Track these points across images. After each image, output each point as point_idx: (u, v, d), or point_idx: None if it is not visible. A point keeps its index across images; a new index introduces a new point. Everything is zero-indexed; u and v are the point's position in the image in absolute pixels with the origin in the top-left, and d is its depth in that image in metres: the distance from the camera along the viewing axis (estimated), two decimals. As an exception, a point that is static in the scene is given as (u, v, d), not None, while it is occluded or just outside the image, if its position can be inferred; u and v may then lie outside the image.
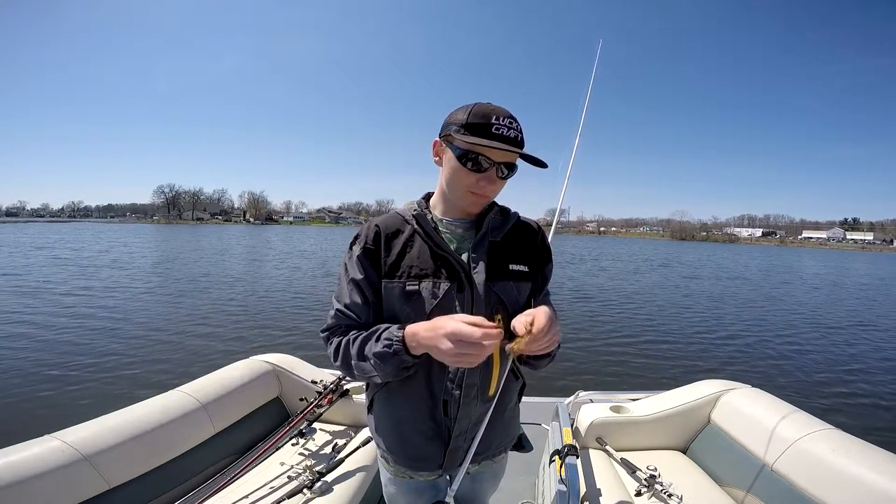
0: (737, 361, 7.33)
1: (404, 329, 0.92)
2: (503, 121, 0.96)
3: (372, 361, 0.95)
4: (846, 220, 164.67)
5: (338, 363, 1.03)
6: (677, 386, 2.37)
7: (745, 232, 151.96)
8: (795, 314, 12.24)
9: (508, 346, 0.89)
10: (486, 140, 0.94)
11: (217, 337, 7.50)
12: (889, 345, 9.05)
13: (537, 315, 0.89)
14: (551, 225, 1.61)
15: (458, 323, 0.84)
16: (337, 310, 1.06)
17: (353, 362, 1.00)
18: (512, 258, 1.09)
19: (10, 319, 8.26)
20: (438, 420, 1.06)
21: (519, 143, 0.98)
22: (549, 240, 1.25)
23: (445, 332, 0.84)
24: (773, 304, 13.90)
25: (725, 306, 12.99)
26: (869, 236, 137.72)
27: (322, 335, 1.10)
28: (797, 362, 7.41)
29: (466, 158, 0.98)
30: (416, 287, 1.00)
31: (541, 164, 1.01)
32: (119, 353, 6.41)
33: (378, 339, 0.95)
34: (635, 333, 8.79)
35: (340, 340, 1.02)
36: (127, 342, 6.95)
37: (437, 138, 1.06)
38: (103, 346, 6.73)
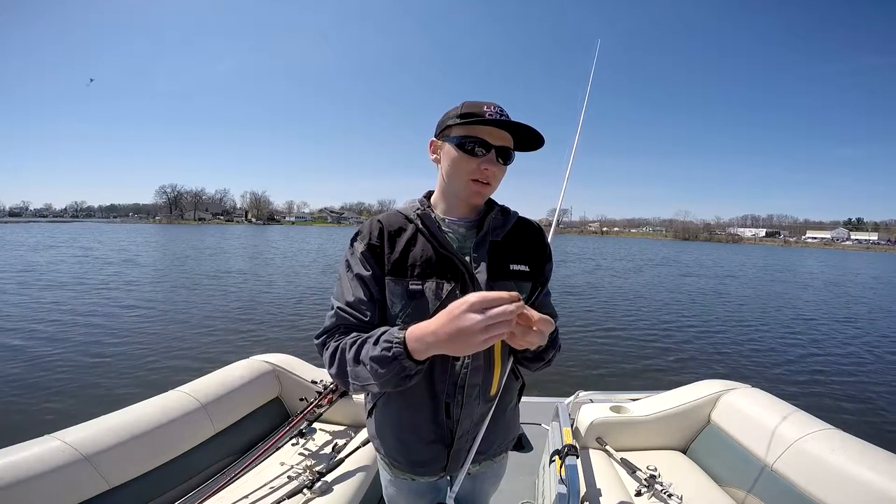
0: (737, 361, 7.31)
1: (406, 329, 0.85)
2: (493, 109, 0.99)
3: (369, 367, 0.88)
4: (850, 220, 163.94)
5: (333, 370, 0.96)
6: (677, 386, 2.37)
7: (748, 232, 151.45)
8: (796, 314, 12.20)
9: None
10: (482, 123, 0.98)
11: (217, 337, 7.52)
12: (889, 344, 9.02)
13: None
14: (553, 225, 1.61)
15: (477, 293, 0.76)
16: (338, 308, 1.01)
17: (348, 368, 0.93)
18: (513, 258, 1.09)
19: (11, 319, 8.29)
20: (441, 423, 1.05)
21: (512, 127, 1.01)
22: (549, 239, 1.25)
23: (468, 304, 0.75)
24: (774, 304, 13.87)
25: (726, 306, 12.97)
26: (873, 236, 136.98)
27: (317, 341, 1.03)
28: (797, 362, 7.39)
29: (465, 146, 1.00)
30: (420, 286, 0.99)
31: (536, 140, 1.03)
32: (119, 353, 6.43)
33: (377, 342, 0.88)
34: (635, 333, 8.78)
35: (337, 345, 0.96)
36: (127, 342, 6.97)
37: (434, 138, 1.08)
38: (103, 346, 6.75)
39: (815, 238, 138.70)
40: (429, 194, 1.17)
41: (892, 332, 10.42)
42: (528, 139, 1.03)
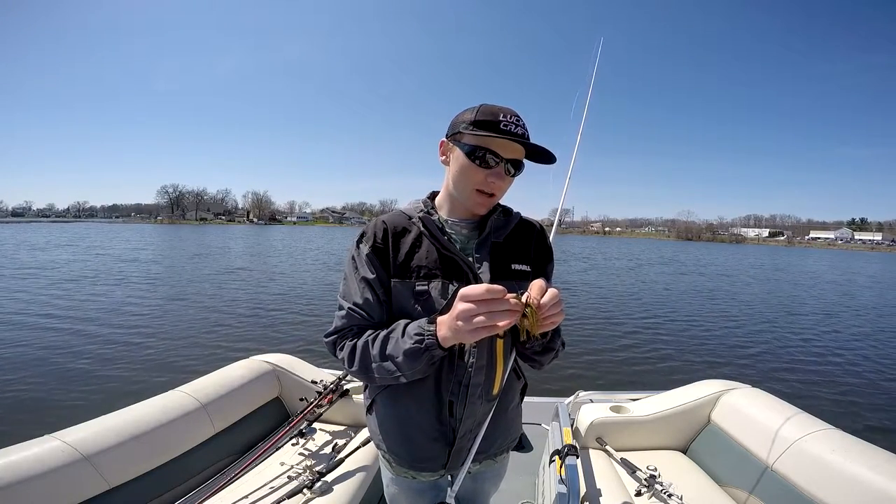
0: (737, 361, 7.29)
1: (435, 322, 0.90)
2: (510, 118, 0.98)
3: (399, 359, 0.92)
4: (854, 220, 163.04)
5: (354, 367, 0.99)
6: (677, 386, 2.37)
7: (752, 232, 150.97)
8: (796, 314, 12.17)
9: (520, 323, 0.84)
10: (495, 134, 0.96)
11: (217, 337, 7.53)
12: (889, 344, 9.00)
13: (532, 286, 0.86)
14: (554, 225, 1.61)
15: (470, 286, 0.83)
16: (349, 308, 1.03)
17: (373, 365, 0.96)
18: (514, 258, 1.10)
19: (11, 319, 8.31)
20: (444, 421, 1.06)
21: (526, 140, 0.99)
22: (551, 239, 1.25)
23: (458, 297, 0.83)
24: (774, 304, 13.83)
25: (726, 306, 12.93)
26: (878, 237, 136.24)
27: (327, 340, 1.06)
28: (797, 362, 7.37)
29: (475, 155, 0.99)
30: (426, 287, 1.01)
31: (549, 157, 1.03)
32: (119, 353, 6.44)
33: (405, 335, 0.92)
34: (635, 333, 8.77)
35: (355, 343, 0.99)
36: (127, 342, 6.98)
37: (444, 139, 1.07)
38: (103, 346, 6.77)
39: (820, 238, 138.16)
40: (433, 195, 1.18)
41: (892, 331, 10.39)
42: (541, 153, 1.02)
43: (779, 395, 2.04)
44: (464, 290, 0.82)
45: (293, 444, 2.11)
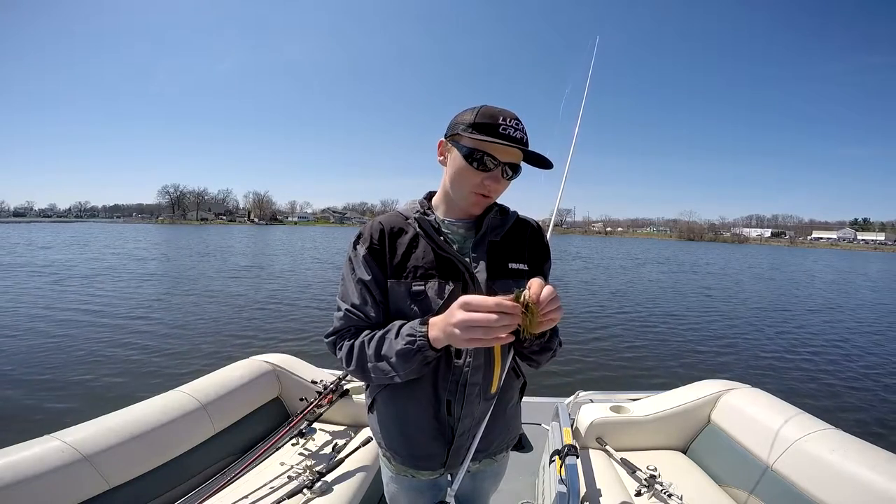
0: (737, 361, 7.28)
1: (427, 323, 0.91)
2: (510, 122, 0.97)
3: (393, 360, 0.93)
4: (856, 220, 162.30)
5: (351, 367, 1.01)
6: (677, 386, 2.36)
7: (754, 232, 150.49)
8: (796, 314, 12.14)
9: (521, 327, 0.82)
10: (493, 138, 0.96)
11: (217, 337, 7.54)
12: (889, 344, 8.98)
13: (531, 283, 0.85)
14: (556, 224, 1.61)
15: (471, 296, 0.82)
16: (346, 310, 1.04)
17: (369, 364, 0.97)
18: (511, 257, 1.10)
19: (10, 318, 8.33)
20: (442, 420, 1.06)
21: (525, 144, 1.00)
22: (548, 238, 1.26)
23: (458, 303, 0.82)
24: (774, 304, 13.79)
25: (726, 306, 12.90)
26: (881, 237, 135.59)
27: (327, 340, 1.07)
28: (797, 362, 7.35)
29: (472, 158, 0.99)
30: (423, 287, 1.01)
31: (546, 164, 1.03)
32: (119, 352, 6.45)
33: (398, 336, 0.94)
34: (635, 333, 8.76)
35: (353, 343, 1.00)
36: (127, 342, 6.99)
37: (443, 139, 1.08)
38: (103, 346, 6.77)
39: (822, 238, 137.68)
40: (430, 195, 1.18)
41: (892, 331, 10.37)
42: (538, 158, 1.02)
43: (778, 395, 2.04)
44: (468, 299, 0.80)
45: (293, 444, 2.11)
